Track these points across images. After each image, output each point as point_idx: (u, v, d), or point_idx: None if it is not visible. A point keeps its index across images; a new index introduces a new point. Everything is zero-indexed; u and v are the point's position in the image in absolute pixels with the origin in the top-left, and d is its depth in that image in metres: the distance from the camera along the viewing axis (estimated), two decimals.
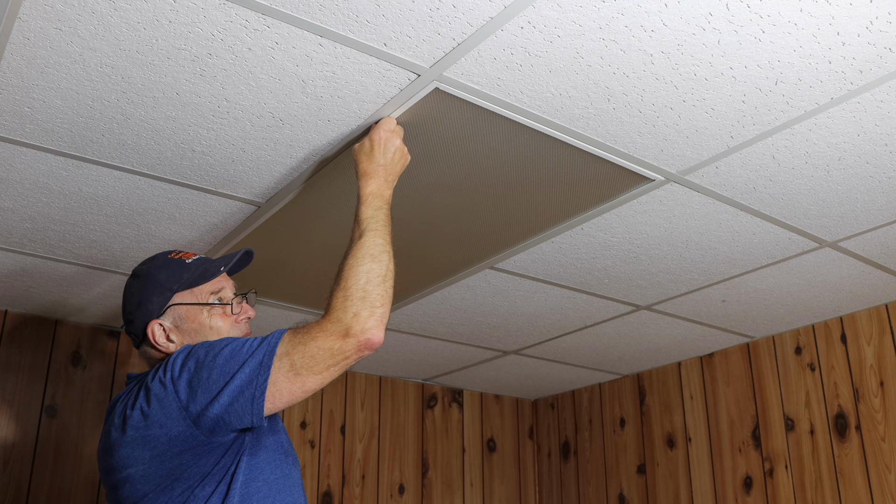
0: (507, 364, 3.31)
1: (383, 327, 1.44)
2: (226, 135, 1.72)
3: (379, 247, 1.51)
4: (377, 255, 1.50)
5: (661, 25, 1.38)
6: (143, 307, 1.63)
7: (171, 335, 1.63)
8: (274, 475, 1.53)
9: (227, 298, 1.68)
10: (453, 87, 1.55)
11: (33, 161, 1.81)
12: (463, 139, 1.75)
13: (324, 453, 3.20)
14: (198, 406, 1.42)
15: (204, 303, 1.65)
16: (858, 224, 2.11)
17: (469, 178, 1.89)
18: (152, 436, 1.45)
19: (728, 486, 2.98)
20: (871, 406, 2.63)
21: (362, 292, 1.44)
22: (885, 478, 2.55)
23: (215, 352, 1.46)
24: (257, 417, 1.41)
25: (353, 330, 1.41)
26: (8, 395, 2.64)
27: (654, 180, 1.90)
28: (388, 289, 1.48)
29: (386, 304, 1.46)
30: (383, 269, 1.48)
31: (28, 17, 1.36)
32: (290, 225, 2.13)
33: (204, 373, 1.44)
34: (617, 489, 3.38)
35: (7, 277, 2.43)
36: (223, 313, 1.67)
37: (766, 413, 2.92)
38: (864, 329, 2.70)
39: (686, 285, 2.50)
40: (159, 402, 1.45)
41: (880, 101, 1.60)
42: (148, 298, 1.64)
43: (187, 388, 1.44)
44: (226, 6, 1.34)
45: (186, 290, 1.65)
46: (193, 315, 1.64)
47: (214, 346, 1.48)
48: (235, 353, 1.44)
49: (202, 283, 1.67)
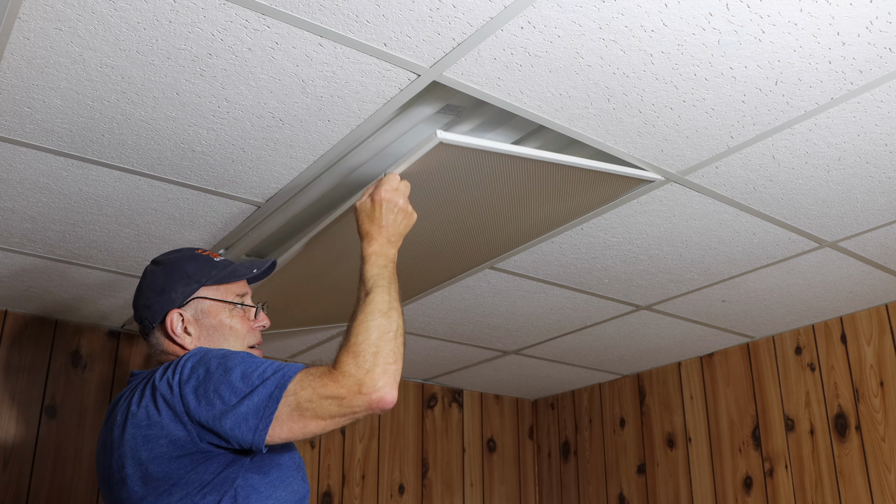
0: (507, 364, 3.31)
1: (396, 385, 1.39)
2: (226, 135, 1.72)
3: (387, 303, 1.48)
4: (386, 311, 1.47)
5: (661, 25, 1.38)
6: (166, 294, 1.63)
7: (189, 327, 1.62)
8: (285, 493, 1.51)
9: (248, 304, 1.70)
10: (453, 87, 1.55)
11: (33, 161, 1.81)
12: (466, 181, 1.78)
13: (324, 453, 3.20)
14: (199, 416, 1.41)
15: (229, 301, 1.66)
16: (858, 224, 2.11)
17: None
18: (153, 436, 1.44)
19: (728, 486, 2.98)
20: (871, 406, 2.63)
21: (374, 348, 1.41)
22: (885, 478, 2.55)
23: (227, 366, 1.43)
24: (257, 446, 1.40)
25: (366, 387, 1.36)
26: (8, 395, 2.64)
27: (654, 180, 1.90)
28: (400, 345, 1.44)
29: (398, 361, 1.41)
30: (394, 326, 1.45)
31: (28, 17, 1.36)
32: (298, 269, 2.16)
33: (211, 385, 1.42)
34: (617, 489, 3.38)
35: (7, 277, 2.43)
36: (243, 316, 1.67)
37: (766, 413, 2.92)
38: (864, 329, 2.70)
39: (686, 285, 2.50)
40: (164, 403, 1.44)
41: (880, 101, 1.60)
42: (172, 287, 1.63)
43: (193, 395, 1.42)
44: (226, 6, 1.34)
45: (213, 285, 1.66)
46: (216, 311, 1.64)
47: (227, 360, 1.45)
48: (247, 377, 1.41)
49: (229, 282, 1.68)
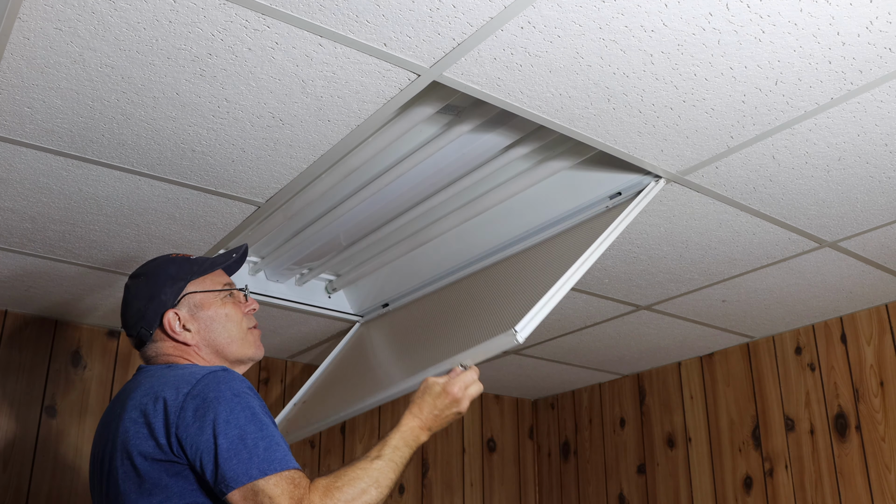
0: (507, 364, 3.31)
1: None
2: (226, 135, 1.72)
3: (387, 479, 1.50)
4: (382, 484, 1.48)
5: (661, 25, 1.38)
6: (156, 299, 1.63)
7: (187, 324, 1.63)
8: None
9: (233, 291, 1.73)
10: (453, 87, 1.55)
11: (33, 161, 1.81)
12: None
13: (324, 453, 3.20)
14: (184, 435, 1.41)
15: (219, 289, 1.69)
16: (858, 224, 2.11)
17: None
18: (143, 435, 1.45)
19: (728, 486, 2.98)
20: (871, 406, 2.63)
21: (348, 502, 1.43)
22: (885, 478, 2.55)
23: (232, 411, 1.42)
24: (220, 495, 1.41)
25: None
26: (8, 395, 2.64)
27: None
28: None
29: None
30: (378, 499, 1.47)
31: (28, 17, 1.36)
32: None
33: (210, 415, 1.41)
34: (617, 489, 3.38)
35: (7, 277, 2.43)
36: (235, 303, 1.70)
37: (766, 413, 2.92)
38: (864, 329, 2.70)
39: (686, 285, 2.50)
40: (163, 408, 1.45)
41: (880, 101, 1.60)
42: (160, 290, 1.64)
43: (191, 414, 1.42)
44: (226, 6, 1.34)
45: (199, 279, 1.68)
46: (209, 302, 1.67)
47: (236, 407, 1.43)
48: (244, 438, 1.40)
49: (212, 271, 1.71)
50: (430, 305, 2.32)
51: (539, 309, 1.63)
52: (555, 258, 1.87)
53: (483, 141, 1.87)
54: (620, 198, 1.93)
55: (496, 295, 1.97)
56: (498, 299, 1.93)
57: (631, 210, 1.83)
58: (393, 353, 2.26)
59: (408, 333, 2.28)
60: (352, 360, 2.46)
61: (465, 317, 1.99)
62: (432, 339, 2.04)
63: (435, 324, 2.15)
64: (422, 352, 2.01)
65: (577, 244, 1.82)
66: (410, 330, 2.29)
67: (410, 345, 2.17)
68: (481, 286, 2.11)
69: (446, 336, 1.96)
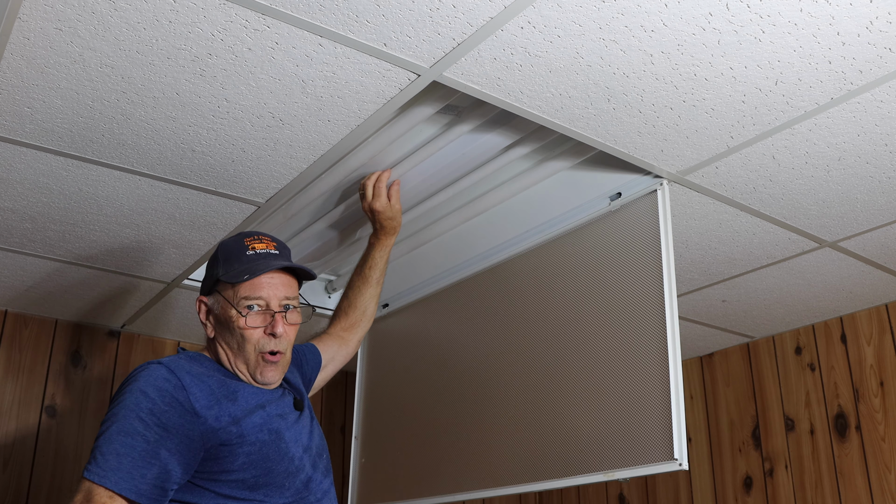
0: None
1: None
2: (226, 135, 1.72)
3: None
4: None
5: (661, 25, 1.38)
6: (206, 275, 1.65)
7: (208, 316, 1.63)
8: None
9: (262, 307, 1.56)
10: (453, 87, 1.55)
11: (33, 161, 1.81)
12: None
13: None
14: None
15: (234, 306, 1.55)
16: (858, 224, 2.11)
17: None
18: None
19: (728, 486, 2.98)
20: (871, 406, 2.63)
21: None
22: (885, 478, 2.55)
23: (116, 407, 1.47)
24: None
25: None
26: (8, 395, 2.64)
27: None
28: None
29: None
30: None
31: (28, 17, 1.36)
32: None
33: (110, 405, 1.50)
34: (617, 489, 3.38)
35: (7, 277, 2.43)
36: (255, 318, 1.56)
37: (766, 413, 2.92)
38: (864, 329, 2.70)
39: (686, 285, 2.50)
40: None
41: (880, 101, 1.60)
42: (208, 273, 1.64)
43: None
44: (226, 6, 1.34)
45: (228, 283, 1.57)
46: (227, 310, 1.57)
47: (122, 406, 1.46)
48: (103, 434, 1.44)
49: (241, 281, 1.55)
50: None
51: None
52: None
53: (483, 141, 1.87)
54: (621, 198, 1.93)
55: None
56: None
57: (665, 225, 1.84)
58: None
59: None
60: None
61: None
62: None
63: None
64: None
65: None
66: None
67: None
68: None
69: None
